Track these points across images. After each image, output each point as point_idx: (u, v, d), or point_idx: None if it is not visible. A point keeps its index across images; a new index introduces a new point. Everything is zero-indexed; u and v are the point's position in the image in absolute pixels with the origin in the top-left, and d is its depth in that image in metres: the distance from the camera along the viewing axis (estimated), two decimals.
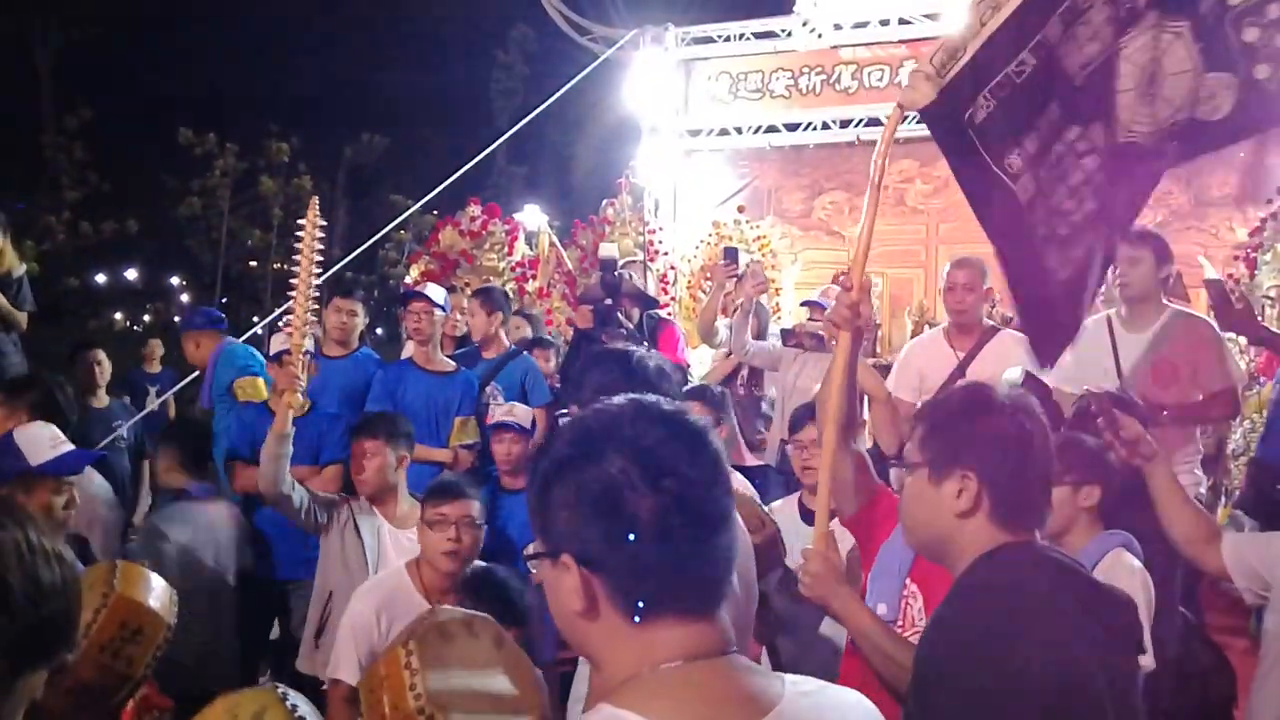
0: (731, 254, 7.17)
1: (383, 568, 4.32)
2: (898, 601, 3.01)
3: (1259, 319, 6.12)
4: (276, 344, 5.25)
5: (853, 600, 2.64)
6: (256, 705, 2.19)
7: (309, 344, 4.61)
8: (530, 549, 1.41)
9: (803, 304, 7.59)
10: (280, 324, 5.64)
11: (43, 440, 3.57)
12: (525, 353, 6.40)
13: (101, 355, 7.47)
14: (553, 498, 1.35)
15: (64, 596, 1.42)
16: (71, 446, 3.63)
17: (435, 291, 6.00)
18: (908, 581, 2.99)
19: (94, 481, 4.53)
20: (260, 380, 6.04)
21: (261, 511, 5.07)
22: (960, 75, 2.87)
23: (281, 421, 4.35)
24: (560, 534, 1.35)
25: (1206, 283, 4.93)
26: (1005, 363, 4.92)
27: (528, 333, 7.21)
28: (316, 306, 4.75)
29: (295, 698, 2.22)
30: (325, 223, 4.41)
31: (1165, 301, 4.99)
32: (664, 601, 1.32)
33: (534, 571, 1.46)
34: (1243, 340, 6.25)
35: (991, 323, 5.59)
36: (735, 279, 7.04)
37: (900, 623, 2.97)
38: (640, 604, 1.32)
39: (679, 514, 1.30)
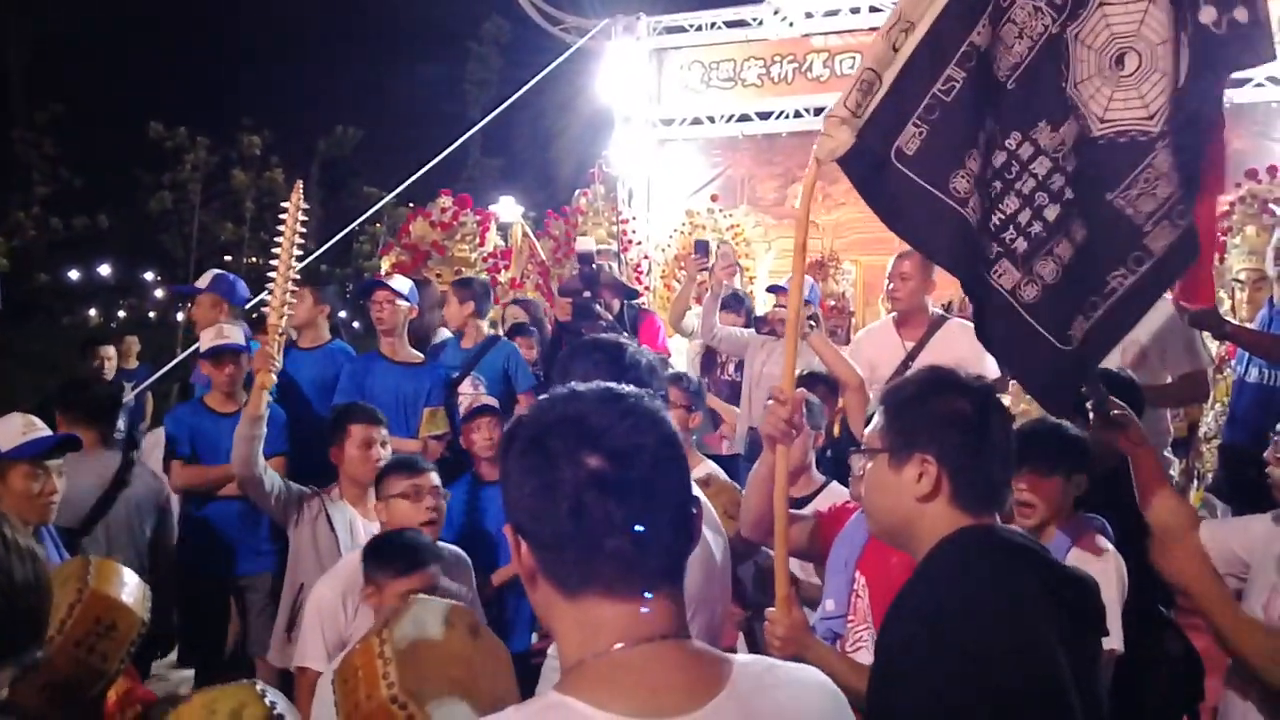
0: (702, 247, 7.21)
1: None
2: (847, 597, 3.07)
3: (1221, 309, 6.18)
4: (206, 340, 5.14)
5: (822, 650, 2.71)
6: (234, 702, 2.20)
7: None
8: None
9: (769, 289, 7.59)
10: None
11: (14, 428, 3.60)
12: (505, 339, 6.37)
13: (111, 351, 7.58)
14: (505, 469, 1.39)
15: (36, 593, 1.43)
16: (45, 432, 3.63)
17: (399, 282, 5.92)
18: (856, 574, 3.05)
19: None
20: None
21: (208, 509, 5.05)
22: (880, 109, 2.68)
23: (255, 403, 4.31)
24: (508, 504, 1.39)
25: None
26: (953, 351, 4.95)
27: (525, 320, 7.19)
28: (296, 289, 4.70)
29: (273, 694, 2.23)
30: (308, 206, 4.38)
31: None
32: (587, 577, 1.33)
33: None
34: None
35: (939, 311, 5.61)
36: (706, 271, 7.06)
37: (851, 617, 3.02)
38: (564, 578, 1.34)
39: (596, 488, 1.30)
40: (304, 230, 4.38)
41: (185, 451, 5.10)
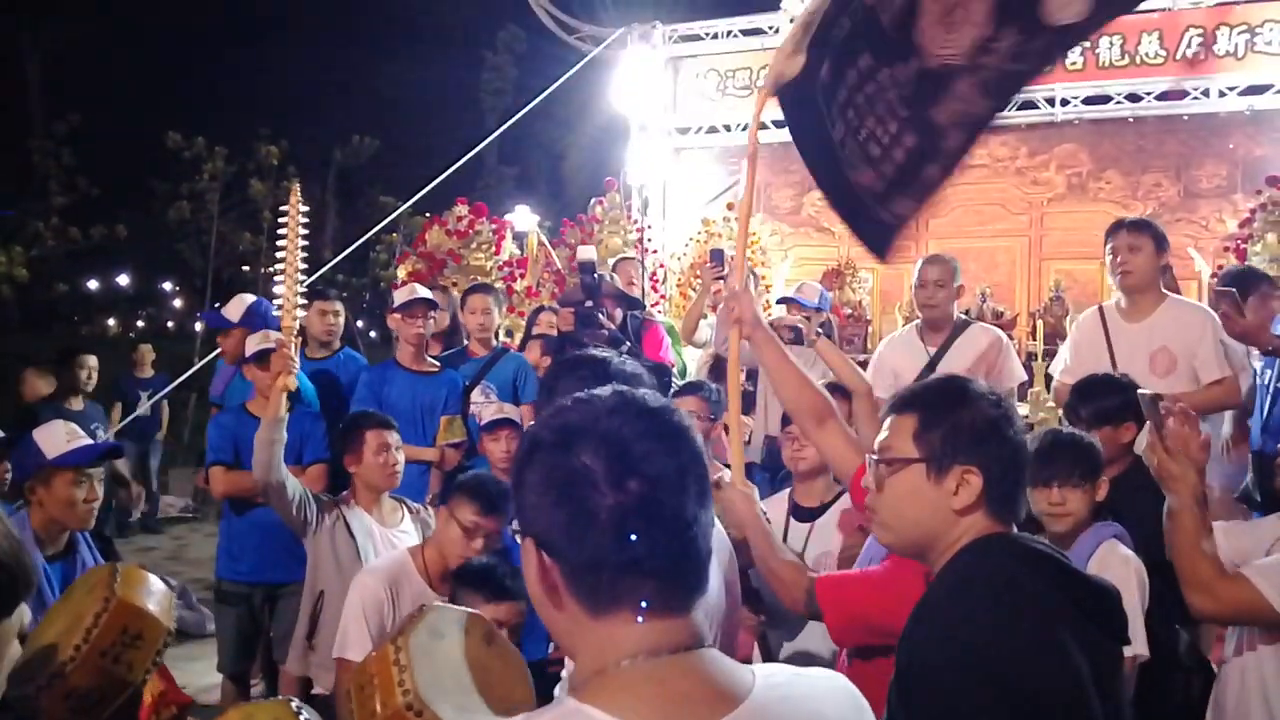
0: (718, 256, 7.17)
1: None
2: None
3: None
4: (252, 345, 5.17)
5: (761, 529, 3.04)
6: (270, 718, 2.18)
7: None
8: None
9: (779, 301, 7.58)
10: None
11: (59, 436, 3.63)
12: (514, 350, 6.39)
13: (94, 361, 7.47)
14: (524, 480, 1.35)
15: (20, 549, 1.57)
16: (87, 441, 3.68)
17: (426, 293, 5.97)
18: None
19: None
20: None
21: (250, 515, 5.05)
22: (811, 43, 3.01)
23: (275, 406, 4.29)
24: (527, 517, 1.35)
25: (1218, 293, 4.91)
26: (976, 354, 4.93)
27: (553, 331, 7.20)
28: (305, 289, 4.71)
29: (309, 713, 2.21)
30: (307, 206, 4.40)
31: (1163, 291, 5.01)
32: (621, 598, 1.30)
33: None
34: None
35: (963, 317, 5.60)
36: (722, 280, 7.02)
37: None
38: (596, 598, 1.31)
39: (639, 515, 1.28)
40: (306, 231, 4.39)
41: (228, 458, 5.10)
